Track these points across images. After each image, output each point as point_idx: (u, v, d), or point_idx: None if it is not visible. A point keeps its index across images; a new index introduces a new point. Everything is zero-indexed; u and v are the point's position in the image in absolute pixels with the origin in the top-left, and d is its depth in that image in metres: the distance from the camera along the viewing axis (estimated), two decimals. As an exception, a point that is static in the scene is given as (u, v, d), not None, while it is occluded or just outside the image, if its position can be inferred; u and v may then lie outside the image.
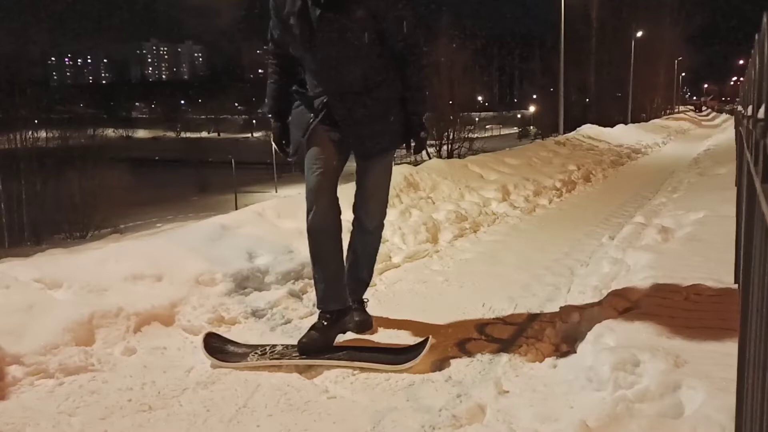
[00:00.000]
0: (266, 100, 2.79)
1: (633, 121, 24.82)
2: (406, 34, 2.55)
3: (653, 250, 3.96)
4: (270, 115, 2.80)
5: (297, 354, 2.54)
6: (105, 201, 21.15)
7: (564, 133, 16.87)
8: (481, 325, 3.04)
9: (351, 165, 2.77)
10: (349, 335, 2.80)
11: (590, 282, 3.65)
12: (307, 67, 2.60)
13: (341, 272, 2.68)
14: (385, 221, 2.91)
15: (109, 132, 37.14)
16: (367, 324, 2.84)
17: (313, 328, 2.62)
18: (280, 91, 2.75)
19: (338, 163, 2.65)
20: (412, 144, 2.73)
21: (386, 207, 2.88)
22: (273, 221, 4.14)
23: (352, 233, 2.88)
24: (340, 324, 2.65)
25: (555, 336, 2.83)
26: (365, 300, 2.97)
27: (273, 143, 2.83)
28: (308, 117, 2.61)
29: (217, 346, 2.60)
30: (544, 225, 5.76)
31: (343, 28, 2.44)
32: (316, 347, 2.54)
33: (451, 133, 24.89)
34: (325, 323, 2.60)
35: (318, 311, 2.69)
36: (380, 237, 2.95)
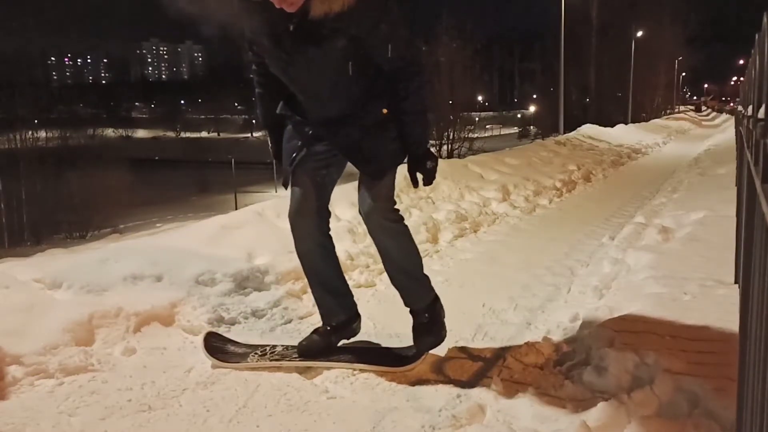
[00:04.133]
0: (257, 111, 2.60)
1: (633, 121, 24.81)
2: (396, 55, 2.21)
3: (654, 251, 3.96)
4: (265, 129, 2.59)
5: (297, 355, 2.54)
6: (105, 201, 21.13)
7: (564, 133, 16.87)
8: (481, 326, 3.04)
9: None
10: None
11: (590, 282, 3.65)
12: (295, 94, 2.39)
13: (338, 287, 2.58)
14: (398, 217, 2.53)
15: (109, 132, 37.21)
16: (427, 344, 2.54)
17: (315, 332, 2.60)
18: (268, 103, 2.52)
19: (323, 185, 2.47)
20: (420, 177, 2.41)
21: (390, 203, 2.50)
22: (273, 221, 4.14)
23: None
24: (345, 332, 2.59)
25: (555, 336, 2.83)
26: (426, 314, 2.54)
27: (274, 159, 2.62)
28: (296, 143, 2.41)
29: (217, 346, 2.60)
30: (544, 225, 5.76)
31: (321, 61, 2.18)
32: (317, 351, 2.52)
33: (451, 133, 24.88)
34: (329, 329, 2.57)
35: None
36: (397, 236, 2.51)
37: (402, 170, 2.52)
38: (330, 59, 2.17)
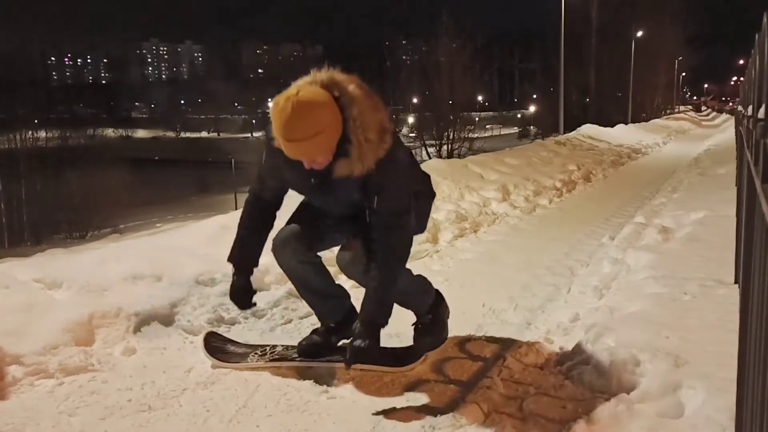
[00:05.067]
0: (233, 247, 2.48)
1: (633, 121, 24.81)
2: (380, 207, 2.20)
3: (653, 251, 3.96)
4: (232, 265, 2.46)
5: (297, 355, 2.54)
6: (105, 201, 21.15)
7: (564, 132, 16.87)
8: (481, 326, 3.04)
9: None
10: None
11: (590, 282, 3.65)
12: None
13: (329, 291, 2.55)
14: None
15: (109, 132, 37.19)
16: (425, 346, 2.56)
17: (314, 332, 2.61)
18: (249, 240, 2.46)
19: (323, 235, 2.48)
20: (347, 351, 2.27)
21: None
22: (273, 221, 4.13)
23: None
24: (344, 331, 2.57)
25: (555, 336, 2.83)
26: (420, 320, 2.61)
27: (240, 307, 2.52)
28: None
29: (217, 346, 2.60)
30: (544, 225, 5.76)
31: (339, 201, 2.32)
32: (316, 351, 2.53)
33: (451, 133, 24.88)
34: (328, 329, 2.58)
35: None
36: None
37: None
38: (346, 201, 2.31)
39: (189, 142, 53.77)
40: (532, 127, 43.53)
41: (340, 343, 2.59)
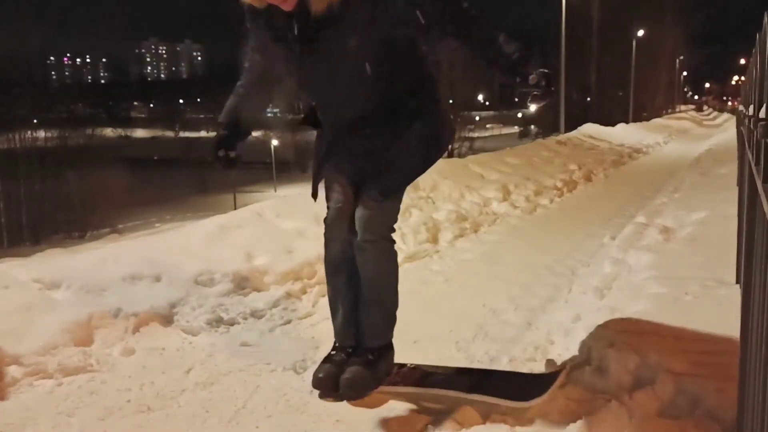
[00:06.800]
0: (228, 102, 2.32)
1: (634, 121, 24.79)
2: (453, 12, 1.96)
3: (655, 251, 3.95)
4: (220, 123, 2.30)
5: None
6: (104, 201, 21.16)
7: (565, 132, 16.85)
8: (482, 326, 3.03)
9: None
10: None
11: (591, 282, 3.64)
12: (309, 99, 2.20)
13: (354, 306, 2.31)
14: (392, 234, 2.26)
15: (108, 131, 37.22)
16: (353, 385, 2.15)
17: (327, 359, 2.30)
18: (241, 104, 2.29)
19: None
20: (530, 94, 1.97)
21: (390, 215, 2.23)
22: (272, 221, 4.13)
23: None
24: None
25: (555, 336, 2.82)
26: (372, 352, 2.22)
27: (212, 152, 2.30)
28: (321, 145, 2.22)
29: None
30: (545, 225, 5.75)
31: (336, 67, 1.99)
32: (332, 383, 2.21)
33: (451, 133, 24.91)
34: (344, 353, 2.29)
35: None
36: (380, 258, 2.21)
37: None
38: (344, 64, 1.98)
39: (188, 142, 53.73)
40: (532, 126, 43.54)
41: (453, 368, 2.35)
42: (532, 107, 1.98)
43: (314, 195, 2.28)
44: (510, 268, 4.15)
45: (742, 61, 41.74)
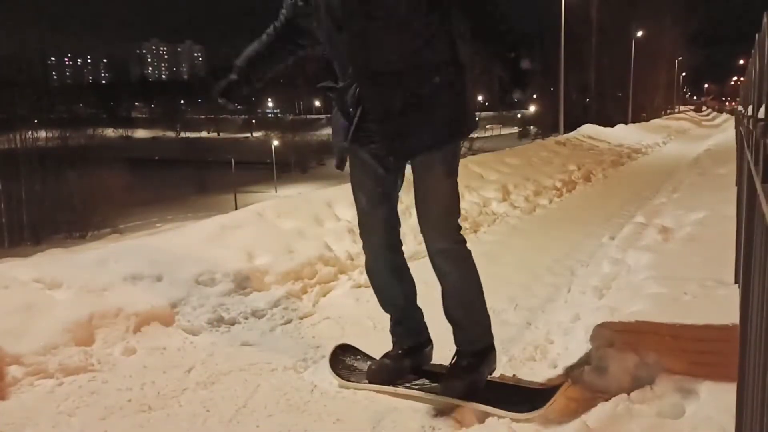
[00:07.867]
0: (250, 46, 2.37)
1: (633, 121, 24.81)
2: None
3: (654, 251, 3.95)
4: (233, 67, 2.37)
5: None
6: (105, 201, 21.17)
7: (564, 132, 16.87)
8: (481, 325, 3.03)
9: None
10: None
11: (591, 282, 3.64)
12: (335, 54, 2.14)
13: (407, 309, 2.45)
14: (460, 239, 2.30)
15: (109, 132, 37.26)
16: (453, 390, 2.19)
17: (386, 355, 2.41)
18: (262, 50, 2.34)
19: (387, 187, 2.29)
20: (511, 86, 2.02)
21: (452, 219, 2.27)
22: (273, 221, 4.14)
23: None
24: (416, 357, 2.41)
25: (555, 336, 2.83)
26: (462, 359, 2.25)
27: (214, 92, 2.41)
28: (344, 123, 2.18)
29: (343, 361, 2.47)
30: (544, 225, 5.75)
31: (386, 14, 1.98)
32: (388, 376, 2.33)
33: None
34: (400, 352, 2.41)
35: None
36: (460, 263, 2.30)
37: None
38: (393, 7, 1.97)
39: (189, 142, 53.75)
40: (532, 127, 43.57)
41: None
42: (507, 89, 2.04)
43: (340, 166, 2.27)
44: (509, 267, 4.16)
45: (741, 62, 41.75)
